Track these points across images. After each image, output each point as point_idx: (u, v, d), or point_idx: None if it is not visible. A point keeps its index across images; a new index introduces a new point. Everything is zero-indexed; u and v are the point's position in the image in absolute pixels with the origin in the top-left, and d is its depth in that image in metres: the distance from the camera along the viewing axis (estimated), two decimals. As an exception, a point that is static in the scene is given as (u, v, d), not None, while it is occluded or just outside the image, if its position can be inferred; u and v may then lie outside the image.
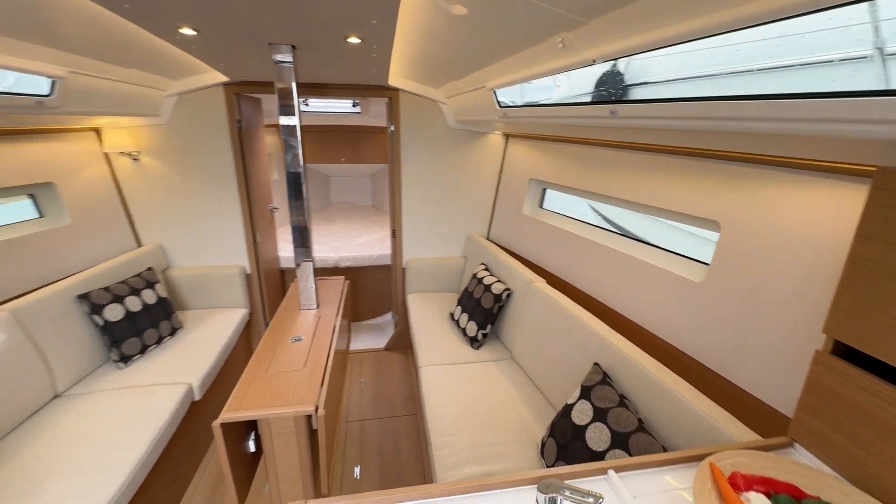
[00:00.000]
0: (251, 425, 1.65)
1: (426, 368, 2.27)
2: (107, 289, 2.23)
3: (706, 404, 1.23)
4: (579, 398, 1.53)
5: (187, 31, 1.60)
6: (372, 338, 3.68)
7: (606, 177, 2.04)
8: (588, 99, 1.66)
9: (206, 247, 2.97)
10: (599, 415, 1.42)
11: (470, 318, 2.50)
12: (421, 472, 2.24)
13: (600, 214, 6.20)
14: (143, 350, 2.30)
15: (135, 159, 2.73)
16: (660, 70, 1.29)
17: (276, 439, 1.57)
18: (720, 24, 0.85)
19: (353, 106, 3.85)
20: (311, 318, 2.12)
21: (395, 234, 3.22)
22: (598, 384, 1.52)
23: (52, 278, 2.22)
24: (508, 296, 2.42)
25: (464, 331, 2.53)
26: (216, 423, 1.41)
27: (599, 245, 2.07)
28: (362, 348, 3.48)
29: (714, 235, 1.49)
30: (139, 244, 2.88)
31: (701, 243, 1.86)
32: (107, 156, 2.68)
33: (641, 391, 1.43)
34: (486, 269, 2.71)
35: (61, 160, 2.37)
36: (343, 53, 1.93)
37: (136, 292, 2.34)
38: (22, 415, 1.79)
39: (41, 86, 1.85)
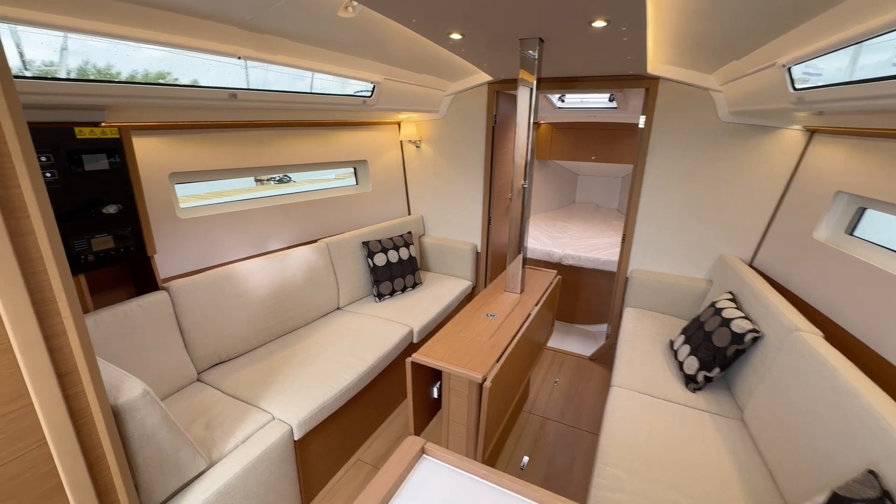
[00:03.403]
0: (438, 375, 1.89)
1: (619, 389, 2.01)
2: (379, 241, 2.97)
3: None
4: (822, 506, 1.04)
5: (456, 35, 1.90)
6: (581, 343, 3.51)
7: None
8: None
9: (451, 223, 3.51)
10: (850, 544, 0.93)
11: (692, 353, 2.04)
12: (585, 496, 2.03)
13: None
14: (392, 293, 2.96)
15: (417, 146, 3.47)
16: None
17: (453, 394, 1.75)
18: None
19: (610, 101, 3.65)
20: (511, 300, 2.22)
21: (626, 239, 2.93)
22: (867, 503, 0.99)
23: (353, 227, 3.13)
24: (755, 339, 1.84)
25: (681, 365, 2.09)
26: (408, 360, 1.69)
27: None
28: (567, 350, 3.37)
29: None
30: (409, 213, 3.68)
31: None
32: (401, 143, 3.52)
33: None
34: (732, 300, 2.12)
35: (373, 144, 3.27)
36: (590, 41, 1.87)
37: (396, 248, 3.03)
38: (317, 315, 2.64)
39: (366, 89, 2.59)
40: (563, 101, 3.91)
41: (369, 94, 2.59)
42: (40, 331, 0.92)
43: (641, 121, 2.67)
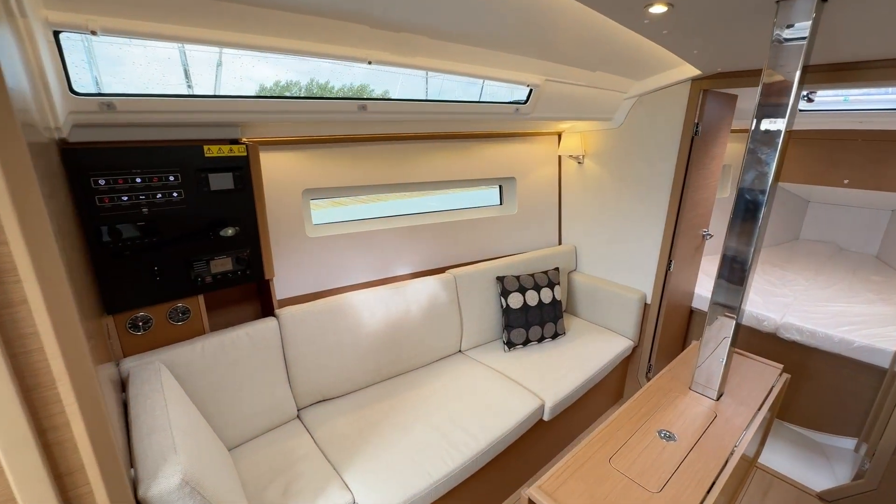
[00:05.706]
0: None
1: None
2: (517, 277, 2.45)
3: None
4: None
5: (658, 8, 1.26)
6: (803, 461, 2.35)
7: None
8: None
9: (614, 260, 2.75)
10: None
11: None
12: None
13: None
14: (525, 343, 2.41)
15: (579, 163, 2.82)
16: None
17: (587, 555, 1.14)
18: None
19: (907, 98, 2.33)
20: (703, 410, 1.44)
21: (926, 331, 1.74)
22: None
23: (487, 255, 2.68)
24: None
25: None
26: (524, 494, 1.15)
27: None
28: (777, 470, 2.28)
29: None
30: (559, 242, 3.05)
31: None
32: (559, 158, 2.92)
33: None
34: None
35: (525, 159, 2.76)
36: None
37: (537, 288, 2.46)
38: (434, 357, 2.28)
39: (521, 95, 2.10)
40: (810, 100, 2.70)
41: (524, 100, 2.09)
42: (31, 425, 0.71)
43: None
